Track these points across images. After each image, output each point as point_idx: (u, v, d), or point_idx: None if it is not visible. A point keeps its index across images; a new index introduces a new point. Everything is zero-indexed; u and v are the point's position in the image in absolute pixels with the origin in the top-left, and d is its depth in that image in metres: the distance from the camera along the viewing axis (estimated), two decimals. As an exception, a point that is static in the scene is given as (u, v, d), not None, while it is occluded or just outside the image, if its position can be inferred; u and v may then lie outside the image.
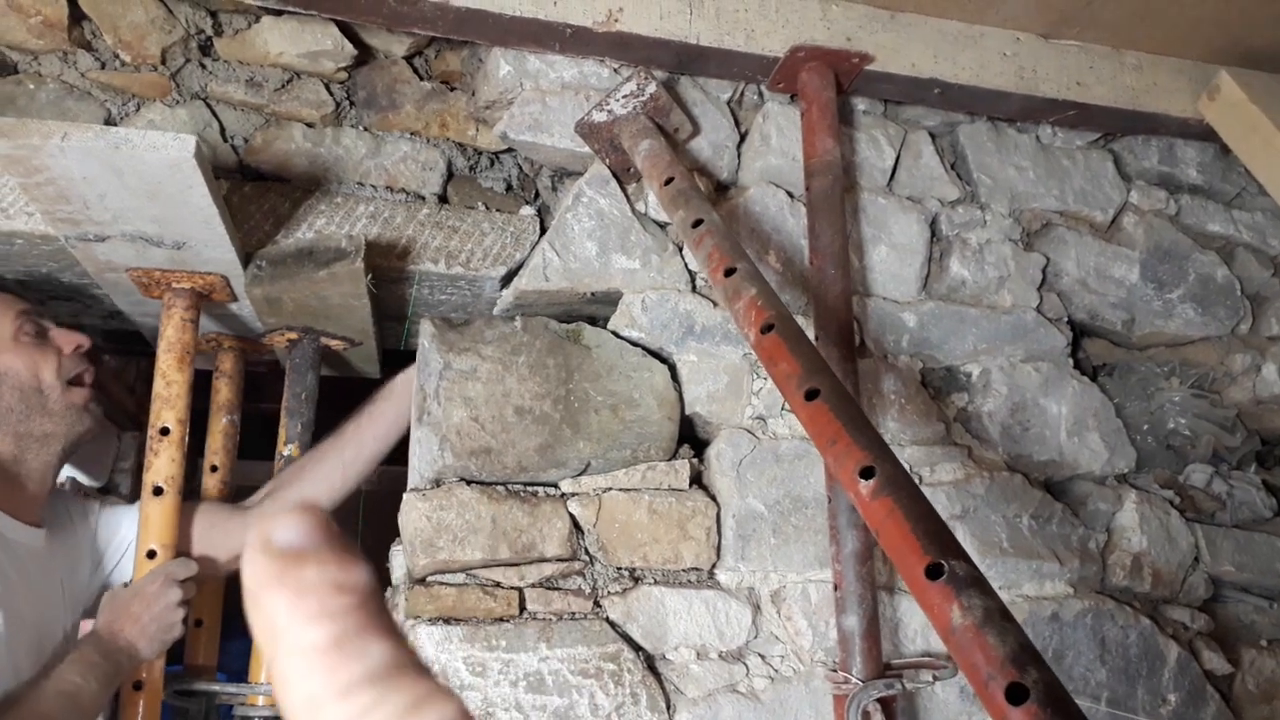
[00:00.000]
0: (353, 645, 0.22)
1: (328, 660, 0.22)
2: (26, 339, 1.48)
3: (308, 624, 0.22)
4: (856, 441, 0.96)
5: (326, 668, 0.22)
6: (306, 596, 0.23)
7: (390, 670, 0.22)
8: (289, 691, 0.22)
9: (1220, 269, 1.95)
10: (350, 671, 0.22)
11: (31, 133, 1.18)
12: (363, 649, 0.22)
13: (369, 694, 0.21)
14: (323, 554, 0.23)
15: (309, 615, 0.22)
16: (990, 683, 0.77)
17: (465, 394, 1.44)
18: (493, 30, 1.52)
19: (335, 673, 0.22)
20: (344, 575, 0.23)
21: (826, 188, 1.57)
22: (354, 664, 0.22)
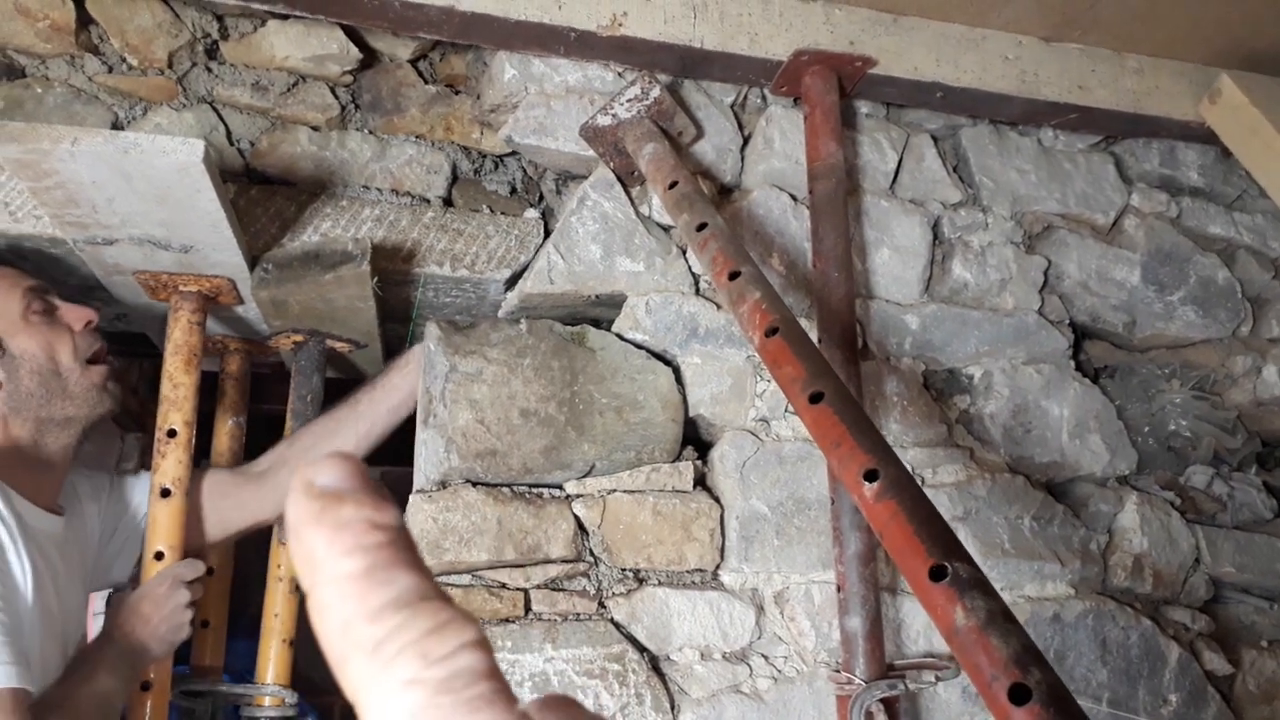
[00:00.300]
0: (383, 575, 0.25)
1: (360, 588, 0.24)
2: (36, 317, 1.43)
3: (344, 556, 0.25)
4: (860, 445, 0.97)
5: (359, 594, 0.24)
6: (343, 532, 0.25)
7: (416, 598, 0.24)
8: (325, 617, 0.25)
9: (1221, 271, 1.96)
10: (380, 598, 0.24)
11: (41, 137, 1.19)
12: (392, 578, 0.25)
13: (396, 618, 0.24)
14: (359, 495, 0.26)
15: (345, 549, 0.25)
16: (993, 683, 0.78)
17: (471, 396, 1.45)
18: (498, 34, 1.53)
19: (366, 599, 0.24)
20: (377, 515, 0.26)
21: (829, 191, 1.58)
22: (384, 591, 0.24)
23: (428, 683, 0.23)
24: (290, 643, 1.77)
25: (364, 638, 0.24)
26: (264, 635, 1.76)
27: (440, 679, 0.23)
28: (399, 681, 0.23)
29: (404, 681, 0.23)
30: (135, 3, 1.54)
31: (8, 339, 1.40)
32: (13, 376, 1.39)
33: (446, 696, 0.23)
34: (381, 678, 0.23)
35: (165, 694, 1.54)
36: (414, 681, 0.23)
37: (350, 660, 0.24)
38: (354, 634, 0.24)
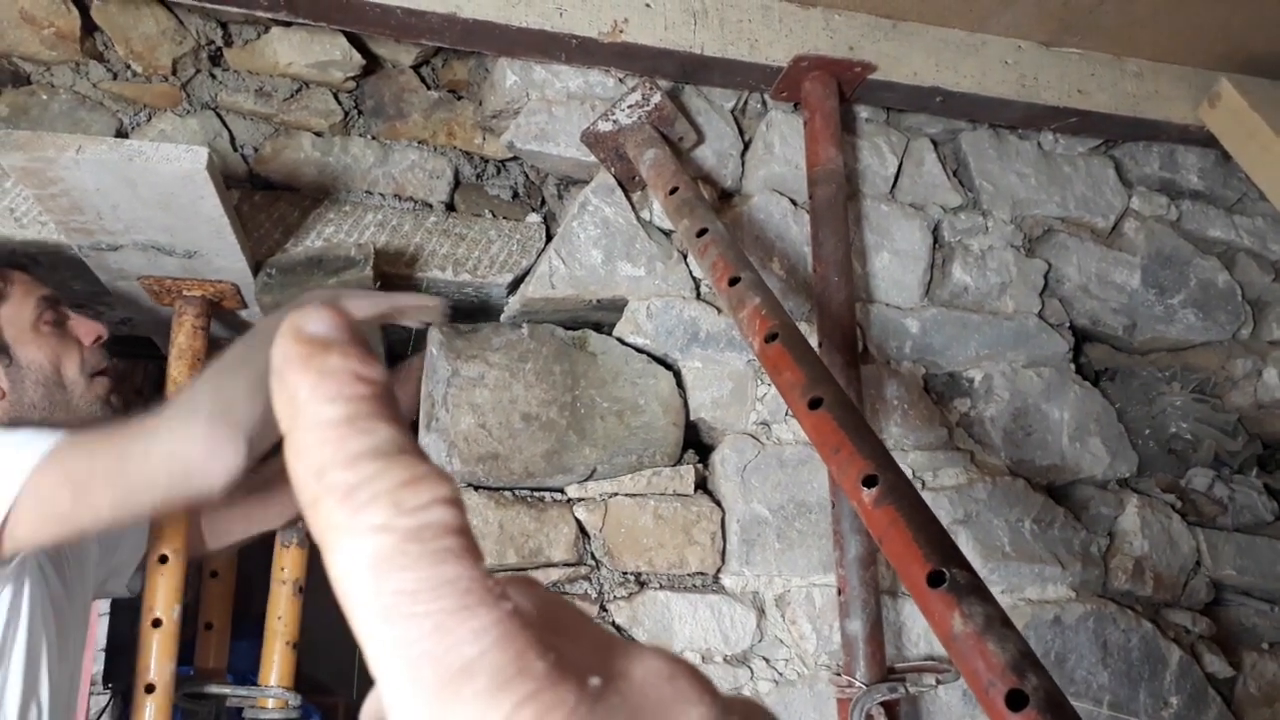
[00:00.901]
0: (363, 424, 0.25)
1: (339, 434, 0.24)
2: (47, 328, 1.41)
3: (326, 402, 0.25)
4: (859, 450, 0.97)
5: (338, 440, 0.24)
6: (328, 379, 0.25)
7: (394, 449, 0.24)
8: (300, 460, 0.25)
9: (1221, 274, 1.96)
10: (358, 445, 0.24)
11: (47, 145, 1.20)
12: (372, 428, 0.25)
13: (372, 466, 0.24)
14: (346, 346, 0.26)
15: (328, 395, 0.25)
16: (991, 689, 0.78)
17: (473, 401, 1.46)
18: (500, 41, 1.54)
19: (344, 445, 0.24)
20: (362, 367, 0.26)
21: (830, 195, 1.58)
22: (362, 440, 0.24)
23: (397, 530, 0.23)
24: (293, 645, 1.78)
25: (338, 482, 0.24)
26: (267, 638, 1.77)
27: (410, 527, 0.23)
28: (369, 526, 0.23)
29: (374, 527, 0.23)
30: (140, 10, 1.56)
31: (16, 347, 1.39)
32: (17, 386, 1.38)
33: (414, 544, 0.23)
34: (351, 522, 0.24)
35: (169, 696, 1.55)
36: (384, 528, 0.23)
37: (322, 503, 0.24)
38: (328, 478, 0.24)
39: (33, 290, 1.43)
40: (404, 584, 0.23)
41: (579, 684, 0.23)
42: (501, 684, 0.22)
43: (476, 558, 0.24)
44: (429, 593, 0.23)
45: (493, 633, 0.23)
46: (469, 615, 0.23)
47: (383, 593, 0.23)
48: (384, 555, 0.23)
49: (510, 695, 0.22)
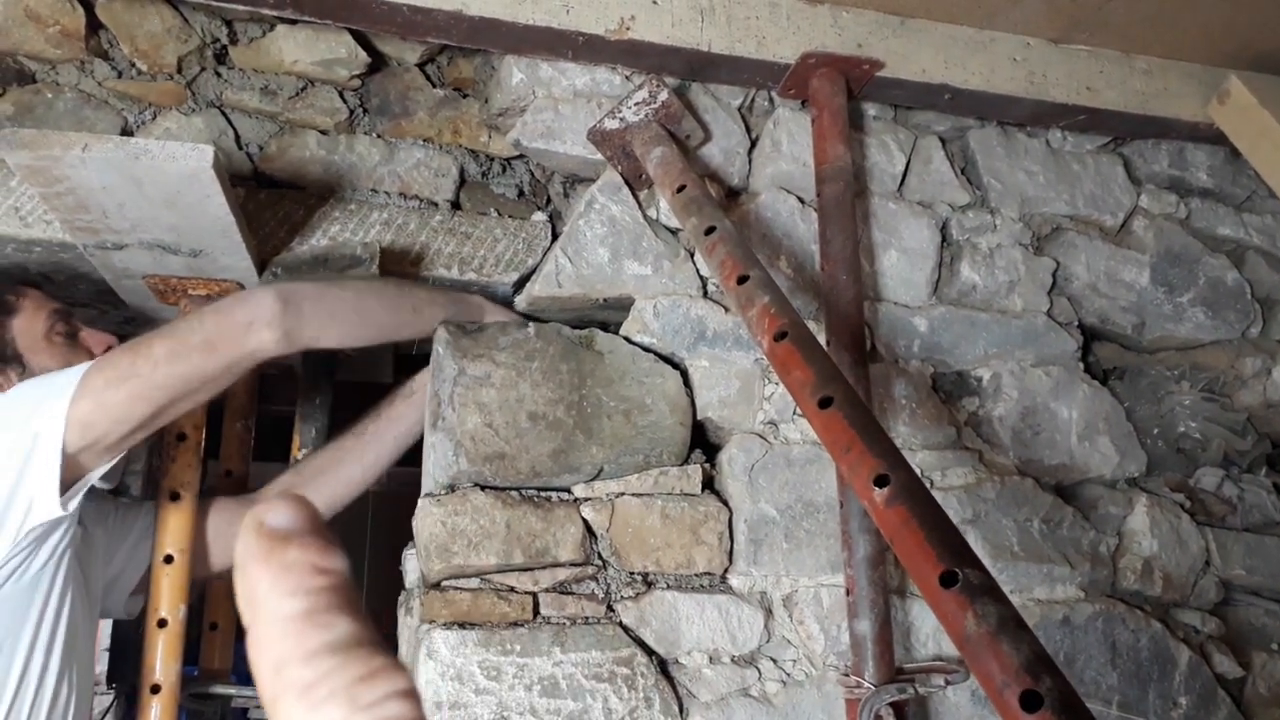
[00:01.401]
0: (322, 619, 0.25)
1: (298, 629, 0.25)
2: (59, 339, 1.47)
3: (285, 597, 0.25)
4: (870, 449, 0.97)
5: (296, 635, 0.25)
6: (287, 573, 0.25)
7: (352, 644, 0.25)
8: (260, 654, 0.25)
9: (1231, 272, 1.95)
10: (316, 640, 0.25)
11: (53, 144, 1.19)
12: (330, 623, 0.25)
13: (330, 661, 0.24)
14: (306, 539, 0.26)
15: (287, 589, 0.25)
16: (1005, 690, 0.78)
17: (479, 400, 1.45)
18: (506, 39, 1.53)
19: (303, 641, 0.25)
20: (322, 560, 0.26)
21: (837, 193, 1.58)
22: (321, 635, 0.25)
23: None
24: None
25: (296, 679, 0.24)
26: (273, 638, 1.76)
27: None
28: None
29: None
30: (145, 8, 1.55)
31: (29, 357, 1.44)
32: None
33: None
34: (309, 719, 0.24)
35: (175, 696, 1.55)
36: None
37: (281, 700, 0.24)
38: (287, 674, 0.24)
39: (45, 304, 1.49)
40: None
41: None
42: None
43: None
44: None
45: None
46: None
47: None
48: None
49: None
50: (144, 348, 1.26)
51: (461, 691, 1.30)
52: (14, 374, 1.42)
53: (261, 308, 1.31)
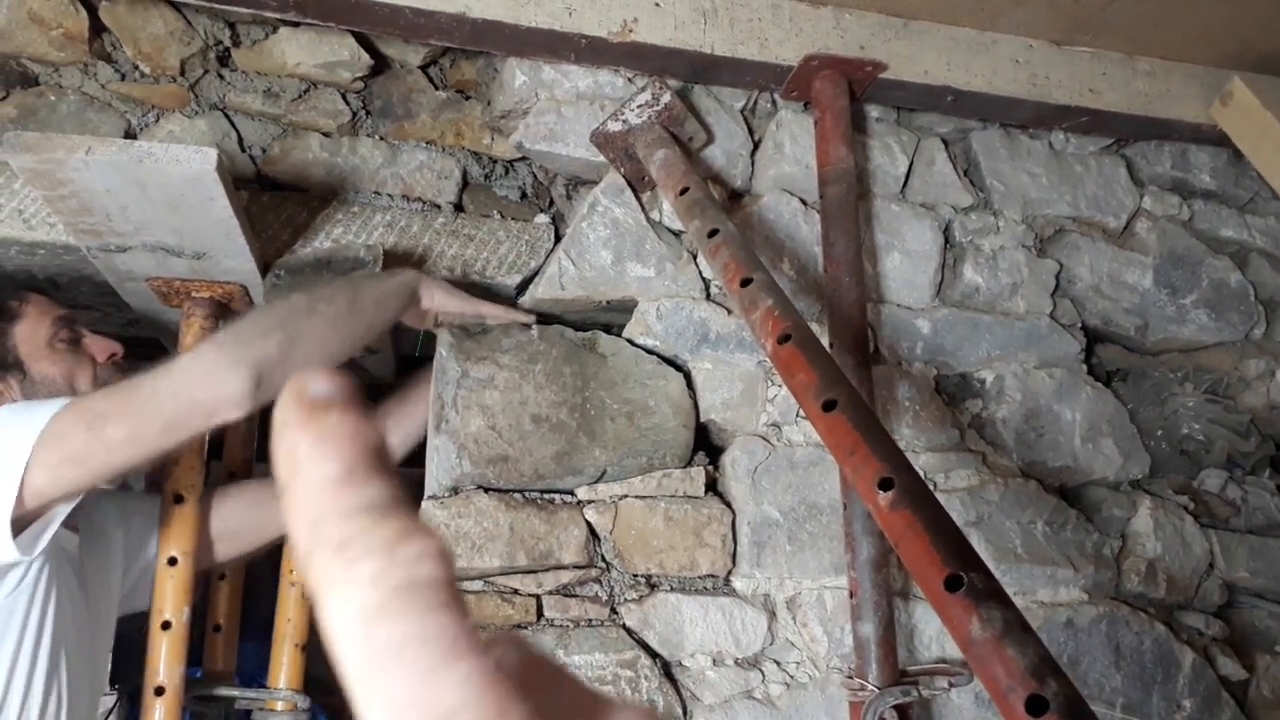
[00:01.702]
0: (359, 481, 0.26)
1: (335, 490, 0.26)
2: (61, 345, 1.46)
3: (324, 460, 0.26)
4: (875, 453, 0.97)
5: (333, 496, 0.26)
6: (326, 438, 0.26)
7: (388, 506, 0.26)
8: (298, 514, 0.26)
9: (1234, 274, 1.95)
10: (352, 501, 0.26)
11: (56, 147, 1.19)
12: (366, 485, 0.26)
13: (365, 520, 0.25)
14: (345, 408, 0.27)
15: (325, 453, 0.26)
16: (1010, 694, 0.77)
17: (482, 402, 1.45)
18: (509, 41, 1.53)
19: (339, 500, 0.26)
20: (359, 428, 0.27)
21: (840, 195, 1.57)
22: (357, 496, 0.26)
23: (387, 582, 0.24)
24: (302, 647, 1.77)
25: (332, 535, 0.25)
26: (276, 640, 1.76)
27: (400, 580, 0.25)
28: (360, 578, 0.25)
29: (365, 579, 0.25)
30: (148, 11, 1.55)
31: (30, 363, 1.43)
32: (31, 399, 1.41)
33: (403, 597, 0.24)
34: (344, 574, 0.25)
35: (178, 698, 1.54)
36: (374, 580, 0.24)
37: (316, 556, 0.25)
38: (323, 531, 0.25)
39: (48, 311, 1.48)
40: (392, 634, 0.24)
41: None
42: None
43: (462, 611, 0.25)
44: (416, 642, 0.24)
45: (476, 681, 0.24)
46: (454, 664, 0.24)
47: (372, 642, 0.24)
48: (374, 606, 0.24)
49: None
50: (99, 426, 1.18)
51: (465, 694, 1.29)
52: (15, 381, 1.42)
53: (230, 388, 1.22)
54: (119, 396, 1.20)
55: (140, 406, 1.19)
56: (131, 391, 1.20)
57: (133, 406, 1.19)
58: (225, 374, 1.21)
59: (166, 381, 1.21)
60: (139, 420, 1.18)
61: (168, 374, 1.21)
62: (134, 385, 1.21)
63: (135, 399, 1.19)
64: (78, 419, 1.17)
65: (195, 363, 1.23)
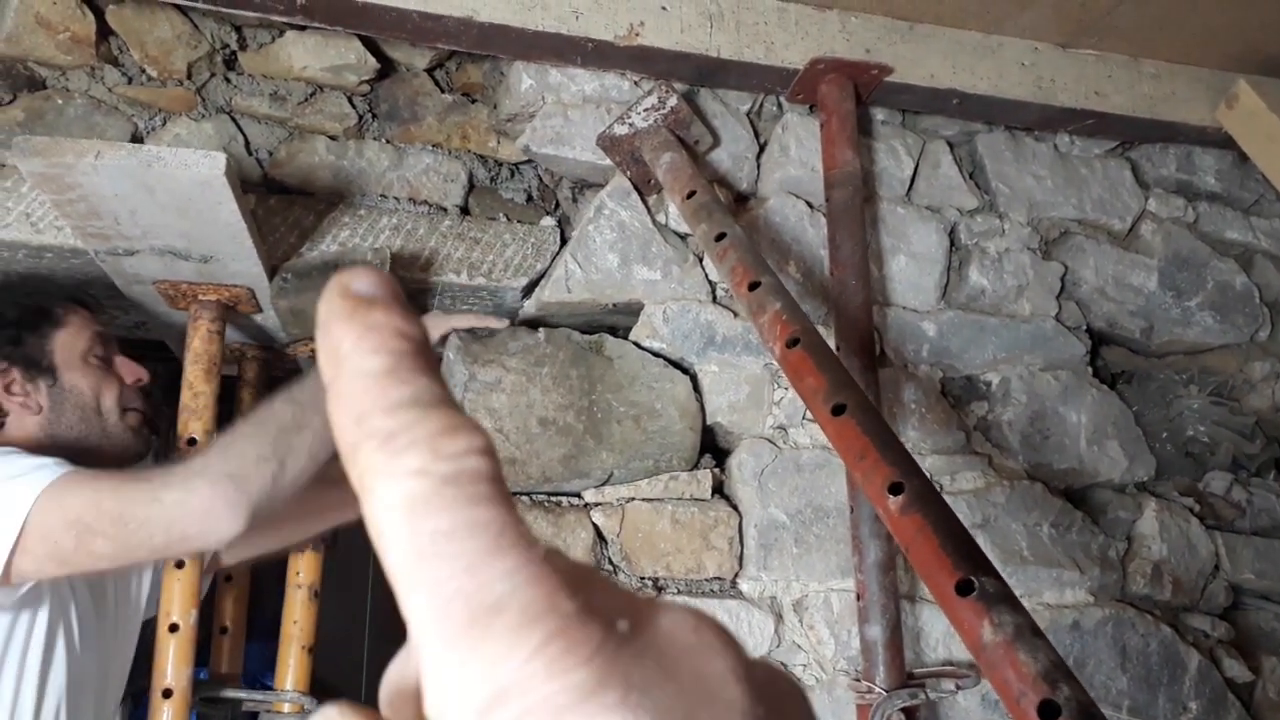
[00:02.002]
0: (404, 375, 0.26)
1: (381, 384, 0.25)
2: (95, 361, 1.48)
3: (370, 353, 0.26)
4: (885, 457, 0.97)
5: (379, 389, 0.25)
6: (372, 332, 0.26)
7: (433, 401, 0.25)
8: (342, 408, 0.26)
9: (1239, 276, 1.95)
10: (399, 394, 0.25)
11: (66, 151, 1.20)
12: (412, 379, 0.26)
13: (412, 413, 0.25)
14: (390, 303, 0.27)
15: (371, 347, 0.26)
16: (1022, 699, 0.78)
17: (490, 405, 1.46)
18: (515, 45, 1.53)
19: (385, 394, 0.25)
20: (404, 324, 0.27)
21: (846, 198, 1.58)
22: (403, 389, 0.25)
23: (434, 474, 0.24)
24: (309, 649, 1.78)
25: (378, 428, 0.25)
26: (283, 642, 1.77)
27: (446, 472, 0.24)
28: (407, 470, 0.24)
29: (411, 470, 0.24)
30: (155, 14, 1.55)
31: (63, 372, 1.45)
32: (57, 405, 1.43)
33: (450, 488, 0.24)
34: (390, 465, 0.24)
35: (186, 700, 1.55)
36: (420, 471, 0.24)
37: (361, 448, 0.25)
38: (369, 424, 0.25)
39: (89, 325, 1.50)
40: (439, 525, 0.24)
41: (606, 624, 0.23)
42: (530, 619, 0.23)
43: (509, 504, 0.25)
44: (463, 533, 0.24)
45: (523, 573, 0.23)
46: (501, 555, 0.23)
47: (418, 534, 0.24)
48: (420, 498, 0.24)
49: (539, 629, 0.23)
50: (87, 539, 1.17)
51: (473, 697, 1.30)
52: (44, 384, 1.43)
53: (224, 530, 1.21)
54: (110, 513, 1.18)
55: (131, 532, 1.18)
56: (125, 507, 1.18)
57: (123, 530, 1.18)
58: (222, 515, 1.21)
59: (160, 511, 1.19)
60: (127, 544, 1.18)
61: (160, 503, 1.19)
62: (129, 496, 1.19)
63: (128, 517, 1.18)
64: (69, 524, 1.16)
65: (191, 498, 1.20)
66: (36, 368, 1.43)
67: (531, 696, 0.22)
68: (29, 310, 1.46)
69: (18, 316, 1.44)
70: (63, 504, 1.17)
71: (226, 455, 1.24)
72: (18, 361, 1.43)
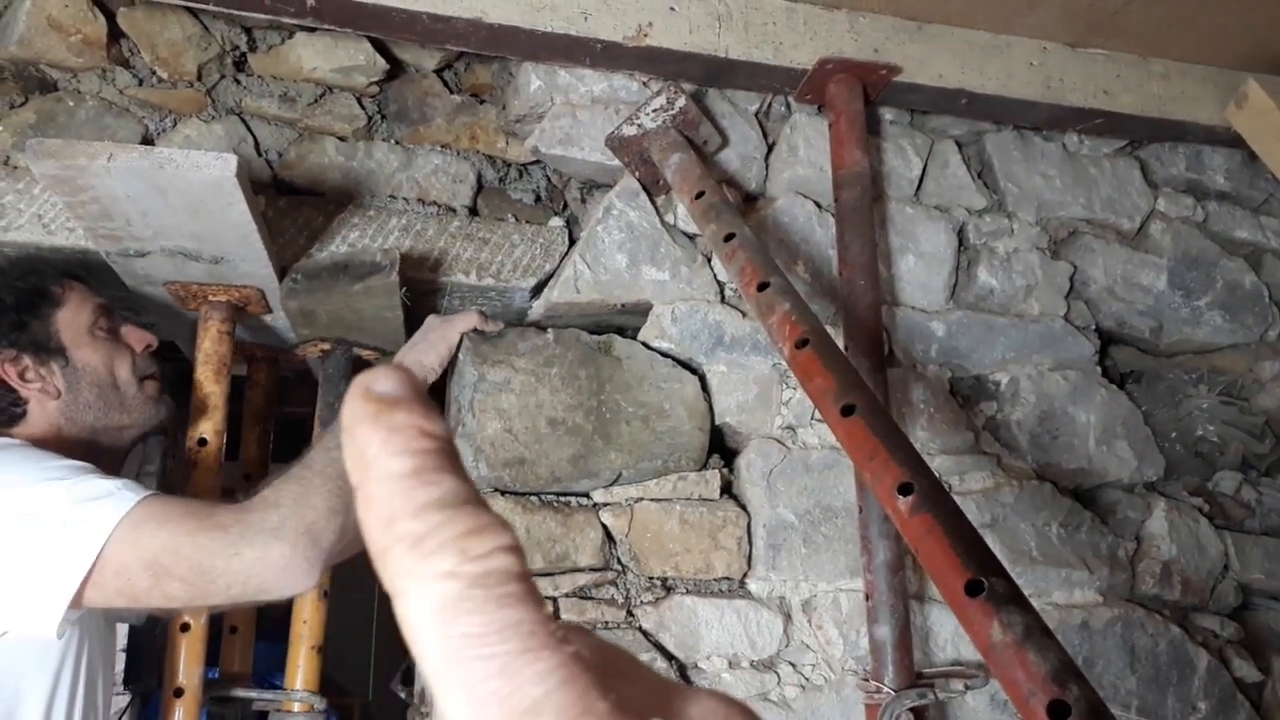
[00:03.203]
0: (430, 477, 0.26)
1: (407, 486, 0.26)
2: (101, 334, 1.45)
3: (395, 456, 0.26)
4: (894, 457, 0.97)
5: (406, 492, 0.26)
6: (396, 435, 0.27)
7: (459, 500, 0.26)
8: (371, 511, 0.27)
9: (1248, 275, 1.95)
10: (425, 496, 0.26)
11: (78, 154, 1.20)
12: (438, 480, 0.26)
13: (439, 516, 0.26)
14: (412, 404, 0.28)
15: (396, 449, 0.27)
16: (1031, 699, 0.78)
17: (499, 406, 1.46)
18: (524, 46, 1.54)
19: (412, 496, 0.26)
20: (427, 423, 0.27)
21: (855, 199, 1.58)
22: (429, 491, 0.26)
23: (463, 576, 0.25)
24: (318, 649, 1.78)
25: (407, 531, 0.25)
26: (292, 642, 1.77)
27: (476, 573, 0.25)
28: (436, 573, 0.25)
29: (440, 573, 0.25)
30: (165, 17, 1.56)
31: (72, 350, 1.42)
32: (73, 386, 1.41)
33: (479, 589, 0.25)
34: (419, 568, 0.25)
35: (197, 699, 1.55)
36: (450, 574, 0.25)
37: (391, 552, 0.26)
38: (398, 528, 0.26)
39: (89, 298, 1.47)
40: (470, 627, 0.24)
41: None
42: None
43: (538, 603, 0.26)
44: (495, 635, 0.24)
45: (557, 675, 0.24)
46: (534, 658, 0.24)
47: (450, 636, 0.24)
48: (451, 600, 0.25)
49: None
50: (163, 582, 1.16)
51: (483, 696, 1.30)
52: (57, 366, 1.42)
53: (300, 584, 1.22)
54: (189, 560, 1.16)
55: (209, 581, 1.17)
56: (202, 559, 1.16)
57: (201, 579, 1.17)
58: (299, 571, 1.21)
59: (240, 566, 1.18)
60: (204, 592, 1.18)
61: (240, 559, 1.18)
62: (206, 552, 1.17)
63: (205, 572, 1.17)
64: (143, 566, 1.15)
65: (271, 555, 1.19)
66: (46, 350, 1.40)
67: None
68: (26, 293, 1.42)
69: (16, 301, 1.40)
70: (139, 543, 1.15)
71: (301, 509, 1.23)
72: (26, 347, 1.40)
